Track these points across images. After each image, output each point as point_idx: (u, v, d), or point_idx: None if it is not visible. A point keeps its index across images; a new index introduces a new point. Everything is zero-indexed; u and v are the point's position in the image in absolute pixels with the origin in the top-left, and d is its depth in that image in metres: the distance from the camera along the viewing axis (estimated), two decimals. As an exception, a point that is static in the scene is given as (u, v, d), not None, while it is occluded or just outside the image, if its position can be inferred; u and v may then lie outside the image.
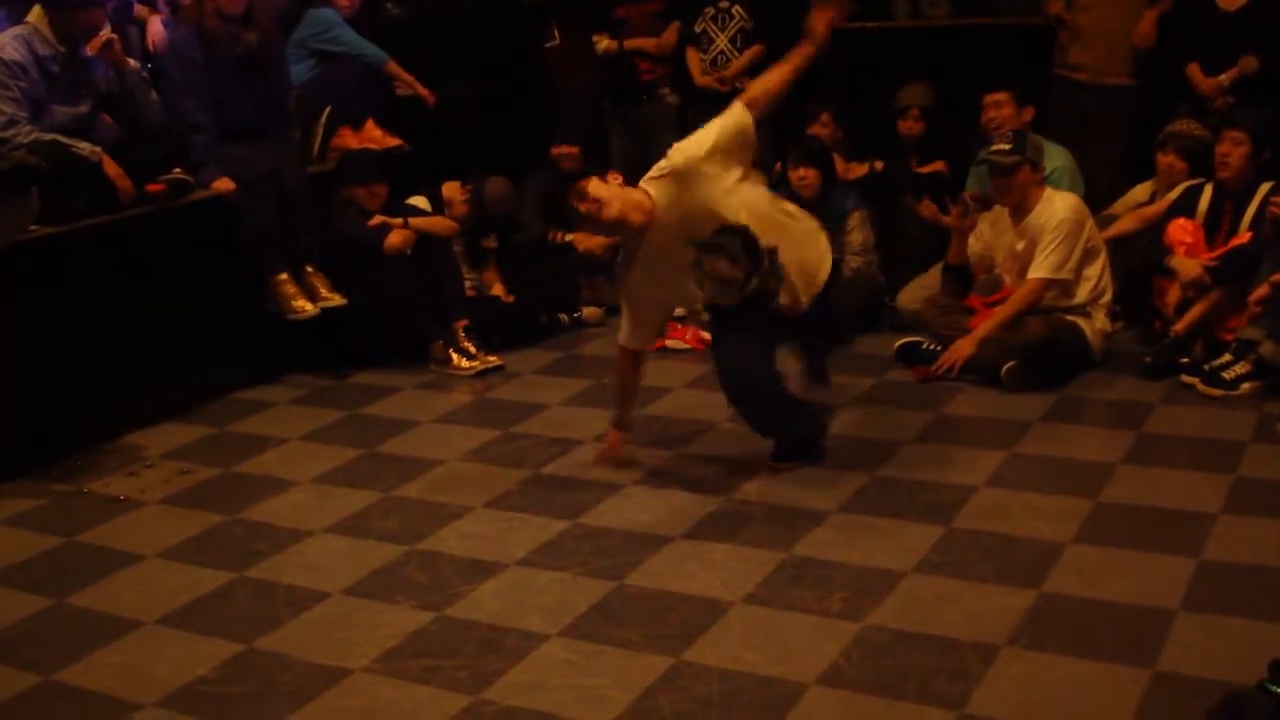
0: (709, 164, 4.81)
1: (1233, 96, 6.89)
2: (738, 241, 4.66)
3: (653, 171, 4.93)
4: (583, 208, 4.82)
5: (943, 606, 3.99)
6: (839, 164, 7.23)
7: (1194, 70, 7.02)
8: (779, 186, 7.25)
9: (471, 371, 6.50)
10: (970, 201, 6.34)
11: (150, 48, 7.40)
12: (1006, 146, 6.03)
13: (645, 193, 4.86)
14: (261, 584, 4.42)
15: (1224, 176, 6.11)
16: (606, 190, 4.83)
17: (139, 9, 7.50)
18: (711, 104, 7.84)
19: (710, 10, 7.96)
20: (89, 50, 5.94)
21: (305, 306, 6.36)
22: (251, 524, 4.93)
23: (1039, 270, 5.97)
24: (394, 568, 4.48)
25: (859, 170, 7.56)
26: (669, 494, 4.97)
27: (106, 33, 5.99)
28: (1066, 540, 4.38)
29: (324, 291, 6.45)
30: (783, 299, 4.87)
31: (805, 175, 6.86)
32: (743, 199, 4.84)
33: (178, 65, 6.34)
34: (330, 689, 3.73)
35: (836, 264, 5.32)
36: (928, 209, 6.65)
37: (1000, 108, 6.90)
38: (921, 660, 3.69)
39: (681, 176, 4.82)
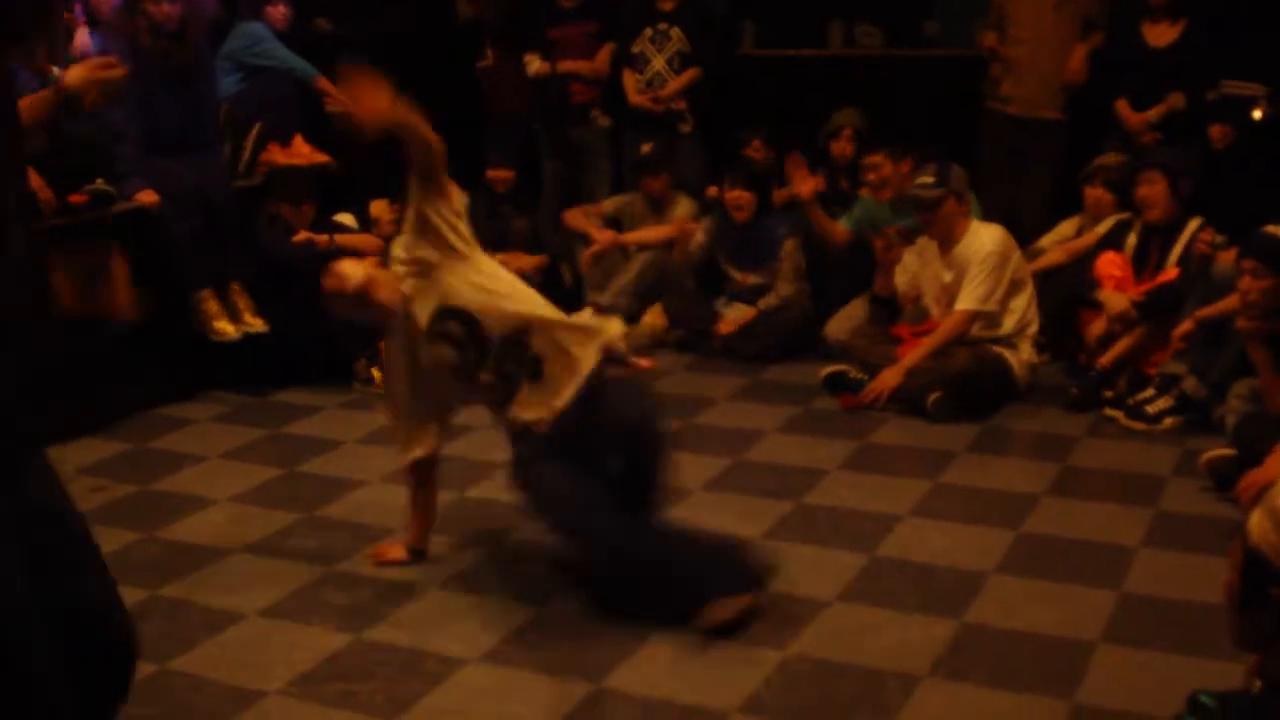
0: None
1: (1159, 132, 6.98)
2: (456, 325, 4.10)
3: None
4: (326, 284, 4.29)
5: (865, 636, 3.98)
6: (772, 190, 7.24)
7: (1122, 106, 7.11)
8: (714, 210, 7.27)
9: (396, 390, 6.43)
10: (894, 235, 6.37)
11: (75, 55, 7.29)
12: (930, 179, 6.05)
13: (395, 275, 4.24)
14: (177, 603, 4.34)
15: (1152, 217, 6.17)
16: (353, 267, 4.31)
17: (66, 16, 7.38)
18: (645, 125, 7.90)
19: (649, 31, 7.98)
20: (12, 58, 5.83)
21: (226, 329, 6.28)
22: (168, 543, 4.84)
23: (965, 302, 6.00)
24: (312, 589, 4.41)
25: (793, 190, 7.52)
26: (593, 518, 4.93)
27: (31, 40, 5.89)
28: (989, 570, 4.39)
29: (247, 316, 6.37)
30: (528, 412, 4.12)
31: (740, 197, 6.88)
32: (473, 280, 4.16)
33: None
34: (244, 712, 3.66)
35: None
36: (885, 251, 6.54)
37: (879, 169, 6.86)
38: (843, 690, 3.68)
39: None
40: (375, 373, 6.47)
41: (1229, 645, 2.89)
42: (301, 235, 6.53)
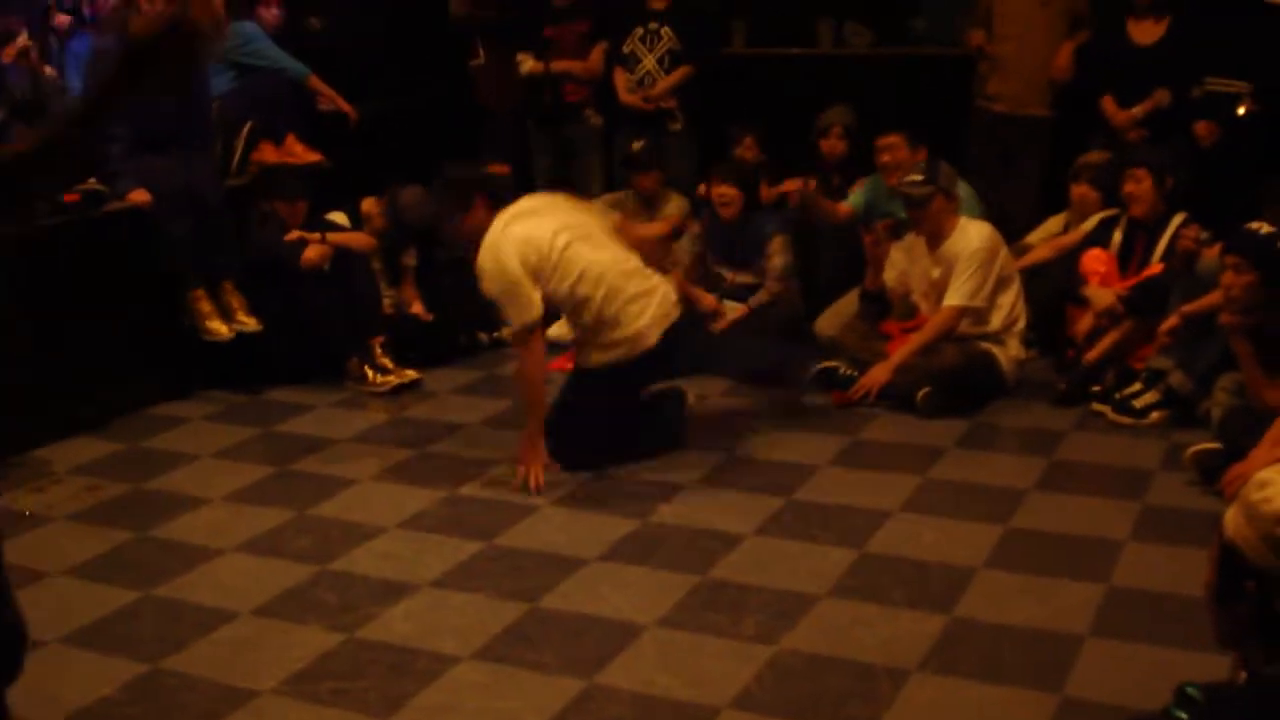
0: None
1: (1145, 129, 7.01)
2: None
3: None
4: None
5: (856, 630, 4.01)
6: (762, 188, 7.24)
7: (1108, 103, 7.13)
8: (703, 207, 7.27)
9: (387, 387, 6.43)
10: (882, 231, 6.39)
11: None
12: (919, 177, 6.08)
13: None
14: (169, 603, 4.36)
15: (1137, 213, 6.21)
16: None
17: (59, 17, 7.41)
18: (636, 124, 7.91)
19: (640, 31, 7.99)
20: (4, 58, 5.85)
21: (219, 329, 6.29)
22: (161, 542, 4.86)
23: (953, 298, 6.02)
24: (305, 588, 4.43)
25: (783, 188, 7.54)
26: (584, 516, 4.95)
27: (23, 40, 5.91)
28: (978, 565, 4.42)
29: (240, 315, 6.37)
30: None
31: (726, 193, 6.85)
32: None
33: (99, 74, 6.27)
34: (237, 711, 3.68)
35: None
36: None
37: (895, 150, 6.88)
38: (834, 684, 3.71)
39: None
40: (367, 370, 6.48)
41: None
42: (294, 233, 6.53)
